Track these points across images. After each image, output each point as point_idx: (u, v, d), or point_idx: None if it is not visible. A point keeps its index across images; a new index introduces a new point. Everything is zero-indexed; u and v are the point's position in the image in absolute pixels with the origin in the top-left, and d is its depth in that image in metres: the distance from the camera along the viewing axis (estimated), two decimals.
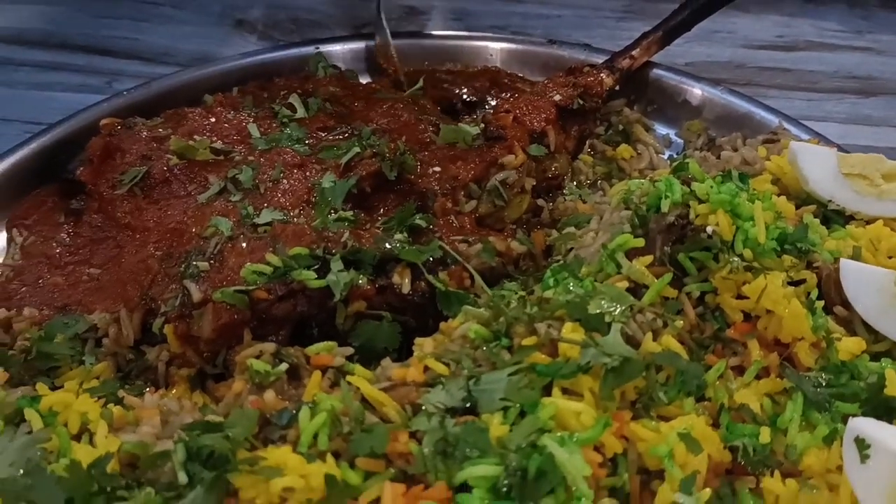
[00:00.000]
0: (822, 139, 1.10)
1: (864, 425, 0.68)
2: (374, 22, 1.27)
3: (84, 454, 0.66)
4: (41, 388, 0.79)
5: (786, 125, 1.13)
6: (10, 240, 1.09)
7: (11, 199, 1.12)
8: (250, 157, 1.01)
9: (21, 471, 0.66)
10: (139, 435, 0.71)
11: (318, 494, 0.64)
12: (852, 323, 0.82)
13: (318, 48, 1.25)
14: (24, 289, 1.02)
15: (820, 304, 0.81)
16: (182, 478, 0.65)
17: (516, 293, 0.88)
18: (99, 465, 0.64)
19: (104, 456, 0.65)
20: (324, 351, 0.78)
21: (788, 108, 1.24)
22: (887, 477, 0.65)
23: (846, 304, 0.83)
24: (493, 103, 1.14)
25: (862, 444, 0.67)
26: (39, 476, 0.65)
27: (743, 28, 1.52)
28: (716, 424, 0.74)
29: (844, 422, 0.73)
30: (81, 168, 1.09)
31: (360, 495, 0.66)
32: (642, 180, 1.00)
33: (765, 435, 0.73)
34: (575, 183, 1.16)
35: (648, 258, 0.86)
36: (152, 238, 0.96)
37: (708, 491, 0.68)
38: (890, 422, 0.70)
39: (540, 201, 1.09)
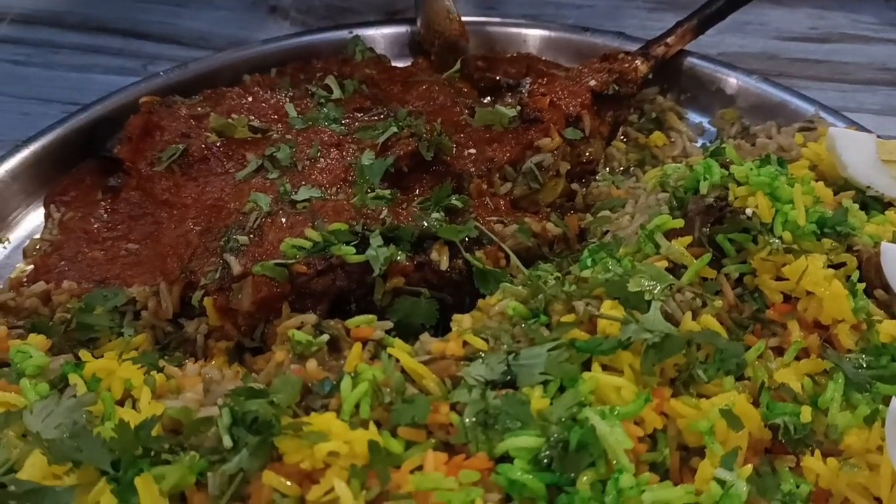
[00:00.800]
0: (858, 127, 1.09)
1: None
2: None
3: (129, 418, 0.67)
4: (84, 355, 0.80)
5: (822, 114, 1.13)
6: (48, 215, 1.10)
7: (50, 176, 1.13)
8: (288, 136, 1.02)
9: (67, 432, 0.67)
10: (182, 401, 0.71)
11: (361, 460, 0.64)
12: (892, 306, 0.82)
13: (353, 32, 1.26)
14: (62, 262, 1.03)
15: (861, 286, 0.81)
16: (227, 442, 0.66)
17: (552, 274, 0.89)
18: (145, 428, 0.65)
19: (150, 418, 0.66)
20: (364, 324, 0.79)
21: (821, 99, 1.23)
22: None
23: (886, 288, 0.82)
24: (529, 87, 1.14)
25: None
26: (86, 437, 0.66)
27: (775, 20, 1.51)
28: (755, 403, 0.74)
29: (885, 403, 0.73)
30: (120, 146, 1.11)
31: (403, 463, 0.66)
32: (678, 164, 1.01)
33: (806, 414, 0.72)
34: (608, 169, 1.15)
35: (687, 239, 0.86)
36: (191, 214, 0.97)
37: (749, 467, 0.68)
38: None
39: (574, 186, 1.09)
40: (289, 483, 0.65)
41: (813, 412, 0.74)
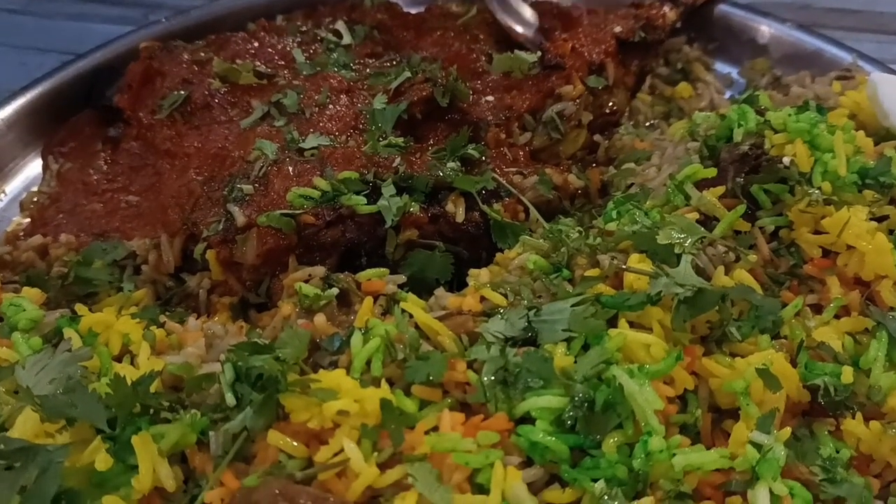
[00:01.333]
0: None
1: None
2: None
3: (126, 373, 0.63)
4: (81, 308, 0.76)
5: (860, 62, 1.07)
6: (45, 167, 1.07)
7: (48, 126, 1.09)
8: (295, 82, 0.98)
9: (61, 388, 0.63)
10: (183, 357, 0.67)
11: (373, 420, 0.60)
12: None
13: None
14: (60, 215, 1.00)
15: None
16: (230, 399, 0.62)
17: (573, 228, 0.84)
18: (143, 384, 0.61)
19: (149, 374, 0.62)
20: (375, 277, 0.74)
21: (861, 47, 1.16)
22: None
23: None
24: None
25: None
26: (81, 393, 0.62)
27: None
28: (793, 363, 0.69)
29: None
30: (120, 94, 1.06)
31: (417, 423, 0.62)
32: (708, 114, 0.96)
33: (847, 375, 0.68)
34: (632, 122, 1.10)
35: (720, 189, 0.81)
36: (193, 163, 0.93)
37: (787, 430, 0.64)
38: None
39: (597, 137, 1.04)
40: (295, 443, 0.62)
41: (854, 373, 0.72)
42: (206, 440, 0.64)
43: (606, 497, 0.62)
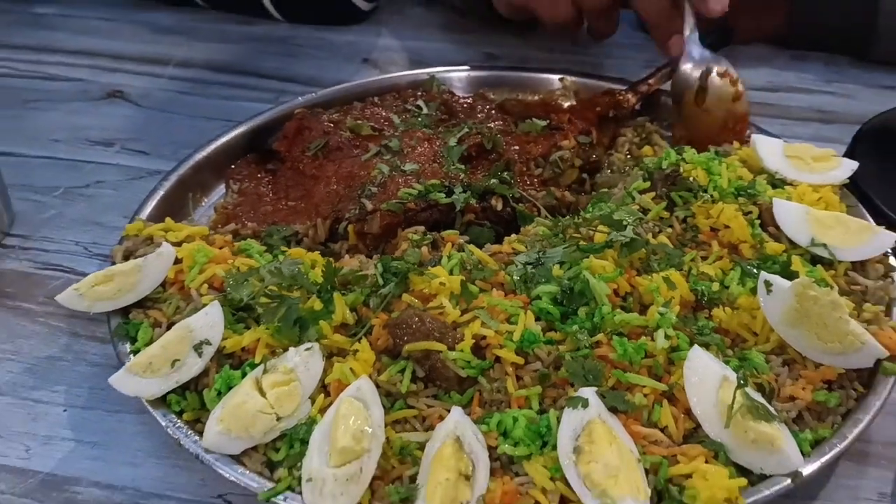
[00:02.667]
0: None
1: (770, 276, 1.16)
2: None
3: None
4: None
5: (756, 134, 1.63)
6: (227, 187, 1.60)
7: (227, 163, 1.63)
8: (395, 134, 1.54)
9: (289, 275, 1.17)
10: (347, 264, 1.23)
11: (456, 291, 1.14)
12: (778, 237, 1.31)
13: (431, 73, 1.80)
14: (242, 214, 1.55)
15: (758, 222, 1.31)
16: (380, 280, 1.16)
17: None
18: (335, 272, 1.16)
19: (337, 268, 1.17)
20: (452, 234, 1.30)
21: (768, 128, 1.69)
22: (782, 302, 1.13)
23: (776, 226, 1.31)
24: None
25: (768, 284, 1.14)
26: (301, 276, 1.15)
27: (741, 75, 2.00)
28: (686, 280, 1.23)
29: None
30: (278, 142, 1.63)
31: (478, 296, 1.16)
32: (653, 157, 1.52)
33: (716, 286, 1.21)
34: (609, 170, 1.66)
35: (652, 194, 1.35)
36: (332, 181, 1.49)
37: (678, 308, 1.17)
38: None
39: (584, 176, 1.59)
40: (417, 300, 1.16)
41: (720, 286, 1.23)
42: (368, 302, 1.18)
43: (579, 336, 1.14)
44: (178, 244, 1.28)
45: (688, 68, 1.60)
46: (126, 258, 1.30)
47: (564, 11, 1.69)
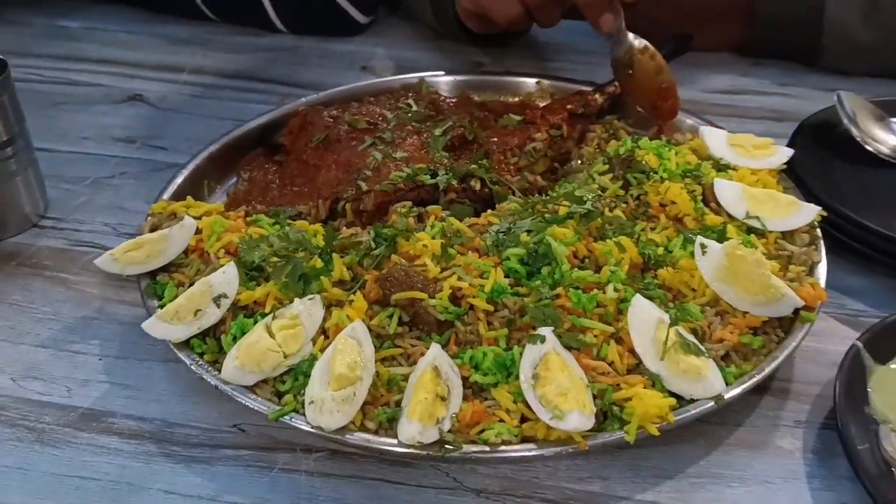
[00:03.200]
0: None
1: (705, 239, 1.36)
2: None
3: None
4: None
5: (706, 126, 1.82)
6: (238, 176, 1.79)
7: (238, 156, 1.83)
8: (388, 128, 1.75)
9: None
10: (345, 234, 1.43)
11: (437, 252, 1.34)
12: (718, 211, 1.51)
13: (422, 76, 2.00)
14: (252, 199, 1.76)
15: (700, 199, 1.51)
16: (372, 244, 1.35)
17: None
18: (335, 237, 1.36)
19: (336, 235, 1.37)
20: (436, 209, 1.49)
21: (726, 126, 1.85)
22: (715, 260, 1.33)
23: (717, 202, 1.51)
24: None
25: (703, 246, 1.33)
26: (306, 241, 1.36)
27: (703, 81, 2.17)
28: (636, 245, 1.42)
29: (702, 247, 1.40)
30: (284, 137, 1.84)
31: (456, 257, 1.35)
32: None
33: (661, 251, 1.40)
34: (579, 160, 1.87)
35: (610, 175, 1.56)
36: (333, 167, 1.69)
37: (627, 267, 1.36)
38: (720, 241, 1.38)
39: (556, 165, 1.80)
40: (403, 260, 1.35)
41: (665, 251, 1.42)
42: (362, 262, 1.38)
43: (541, 289, 1.33)
44: (197, 218, 1.48)
45: (619, 50, 1.83)
46: (153, 231, 1.49)
47: (514, 11, 1.90)
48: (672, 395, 1.20)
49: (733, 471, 1.23)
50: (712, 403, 1.19)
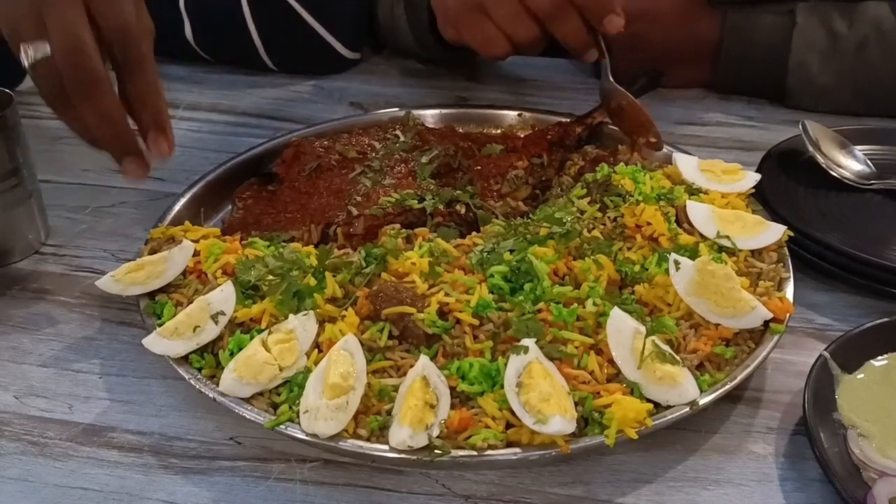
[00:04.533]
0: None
1: (678, 256, 1.44)
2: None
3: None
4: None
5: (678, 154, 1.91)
6: (233, 203, 1.87)
7: (233, 185, 1.92)
8: (377, 157, 1.83)
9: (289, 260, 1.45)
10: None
11: (426, 270, 1.41)
12: (691, 231, 1.59)
13: (409, 111, 2.09)
14: (247, 224, 1.83)
15: (674, 220, 1.59)
16: (363, 263, 1.43)
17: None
18: (328, 256, 1.43)
19: (329, 254, 1.44)
20: (423, 231, 1.57)
21: (696, 154, 1.96)
22: (688, 276, 1.41)
23: (689, 223, 1.60)
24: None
25: (676, 263, 1.41)
26: (300, 261, 1.43)
27: (675, 114, 2.28)
28: (613, 263, 1.50)
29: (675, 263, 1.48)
30: (277, 167, 1.92)
31: (443, 275, 1.43)
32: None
33: (637, 267, 1.48)
34: (560, 188, 1.95)
35: (588, 199, 1.65)
36: (325, 195, 1.77)
37: (605, 283, 1.44)
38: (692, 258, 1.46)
39: (537, 191, 1.88)
40: (393, 277, 1.42)
41: (641, 268, 1.50)
42: (353, 280, 1.44)
43: (524, 304, 1.40)
44: (195, 241, 1.55)
45: (603, 90, 1.95)
46: (152, 254, 1.56)
47: (503, 52, 1.99)
48: (650, 401, 1.26)
49: (709, 474, 1.29)
50: (688, 409, 1.26)
